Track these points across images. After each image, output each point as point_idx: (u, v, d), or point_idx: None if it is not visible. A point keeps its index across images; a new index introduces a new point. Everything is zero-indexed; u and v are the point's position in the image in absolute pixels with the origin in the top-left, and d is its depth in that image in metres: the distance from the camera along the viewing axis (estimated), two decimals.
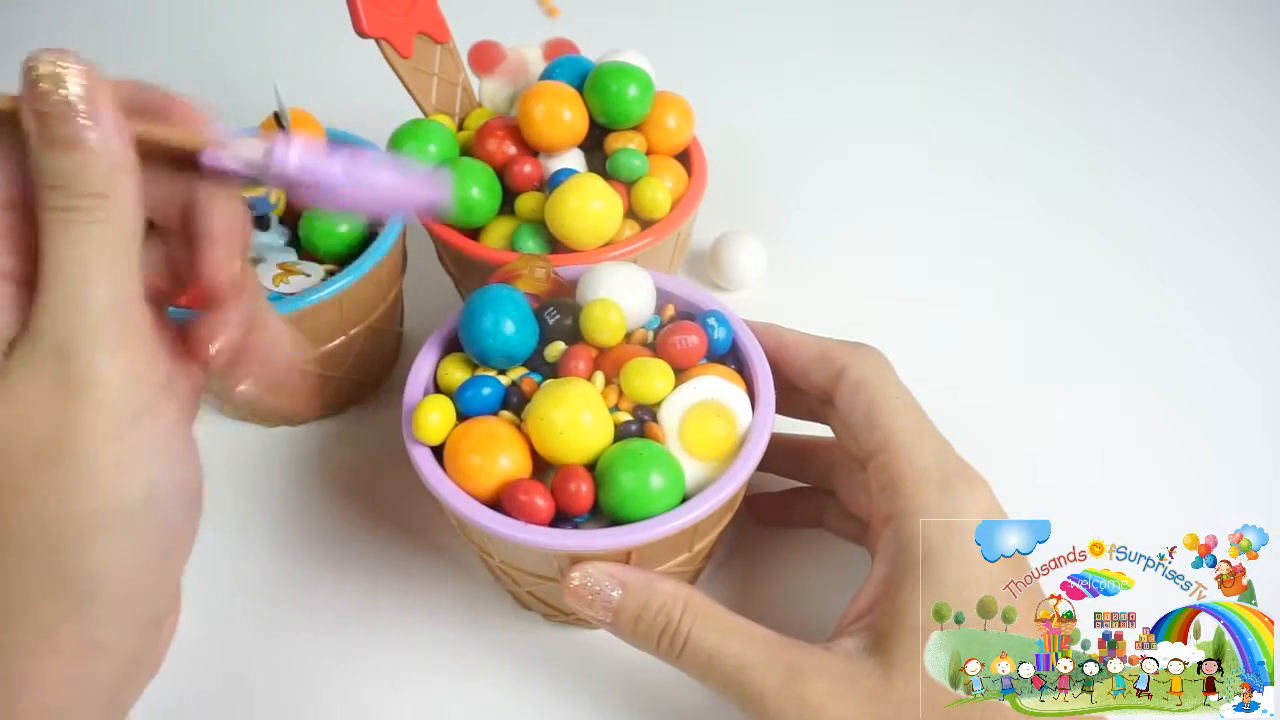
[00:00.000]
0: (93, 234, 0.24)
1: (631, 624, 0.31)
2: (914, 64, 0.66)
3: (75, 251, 0.23)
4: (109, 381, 0.24)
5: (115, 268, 0.24)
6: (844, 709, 0.28)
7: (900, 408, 0.33)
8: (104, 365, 0.24)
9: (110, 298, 0.24)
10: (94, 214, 0.23)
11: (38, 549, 0.24)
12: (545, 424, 0.31)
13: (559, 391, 0.31)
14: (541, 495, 0.30)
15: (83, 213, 0.23)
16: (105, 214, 0.24)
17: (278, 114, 0.42)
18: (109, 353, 0.24)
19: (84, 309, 0.23)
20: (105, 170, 0.23)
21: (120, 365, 0.24)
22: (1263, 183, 0.57)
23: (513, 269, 0.36)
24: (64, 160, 0.23)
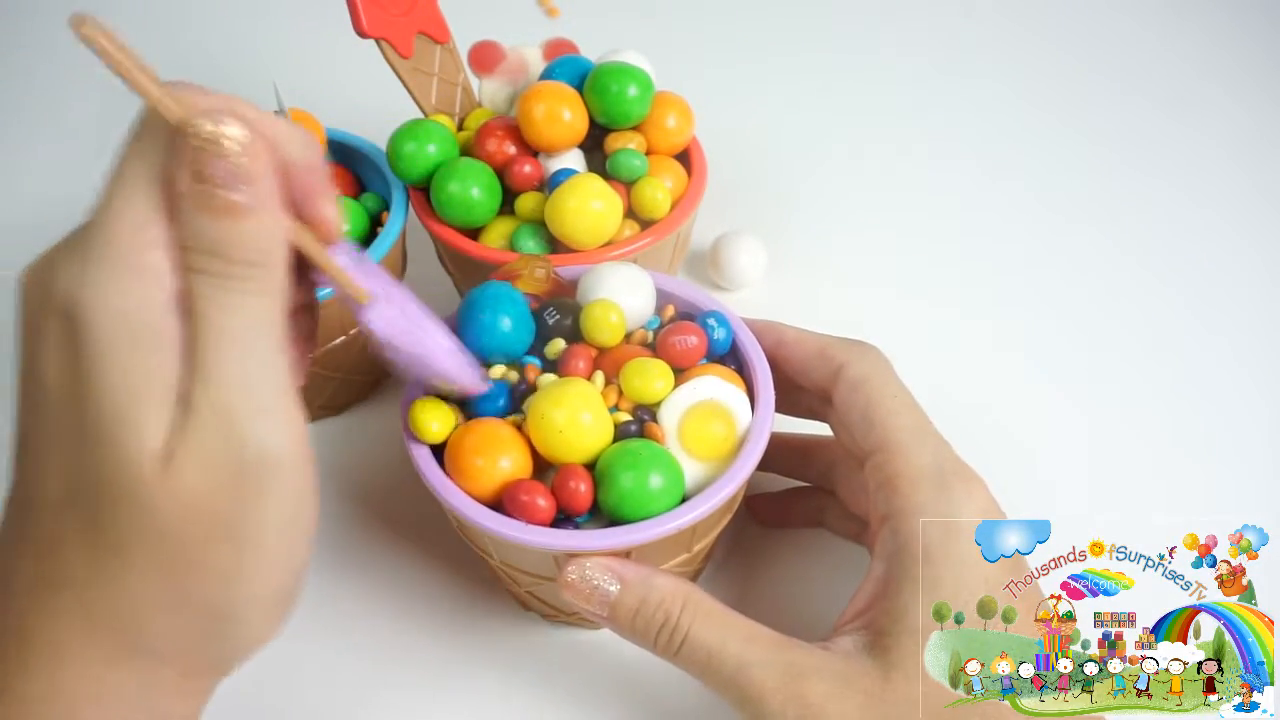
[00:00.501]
0: (251, 304, 0.23)
1: (629, 619, 0.30)
2: (914, 64, 0.66)
3: (234, 321, 0.23)
4: (281, 460, 0.23)
5: (273, 339, 0.23)
6: (843, 709, 0.28)
7: (898, 406, 0.33)
8: (276, 442, 0.23)
9: (273, 371, 0.23)
10: (252, 283, 0.23)
11: (202, 623, 0.24)
12: (545, 423, 0.31)
13: (558, 391, 0.31)
14: (543, 495, 0.30)
15: (241, 281, 0.23)
16: (262, 284, 0.23)
17: (278, 114, 0.42)
18: (279, 429, 0.23)
19: (251, 386, 0.23)
20: (265, 239, 0.23)
21: (288, 441, 0.23)
22: (1262, 183, 0.57)
23: (513, 269, 0.36)
24: (224, 226, 0.22)
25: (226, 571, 0.24)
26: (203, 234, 0.22)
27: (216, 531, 0.23)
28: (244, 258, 0.23)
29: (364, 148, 0.46)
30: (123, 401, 0.22)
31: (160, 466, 0.22)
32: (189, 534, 0.23)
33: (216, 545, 0.23)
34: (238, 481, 0.23)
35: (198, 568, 0.23)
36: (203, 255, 0.23)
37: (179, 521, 0.23)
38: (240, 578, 0.24)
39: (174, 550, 0.23)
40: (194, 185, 0.22)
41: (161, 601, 0.24)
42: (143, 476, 0.22)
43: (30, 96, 0.65)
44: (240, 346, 0.23)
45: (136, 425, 0.22)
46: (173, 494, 0.22)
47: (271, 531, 0.24)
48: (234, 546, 0.23)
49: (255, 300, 0.23)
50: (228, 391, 0.23)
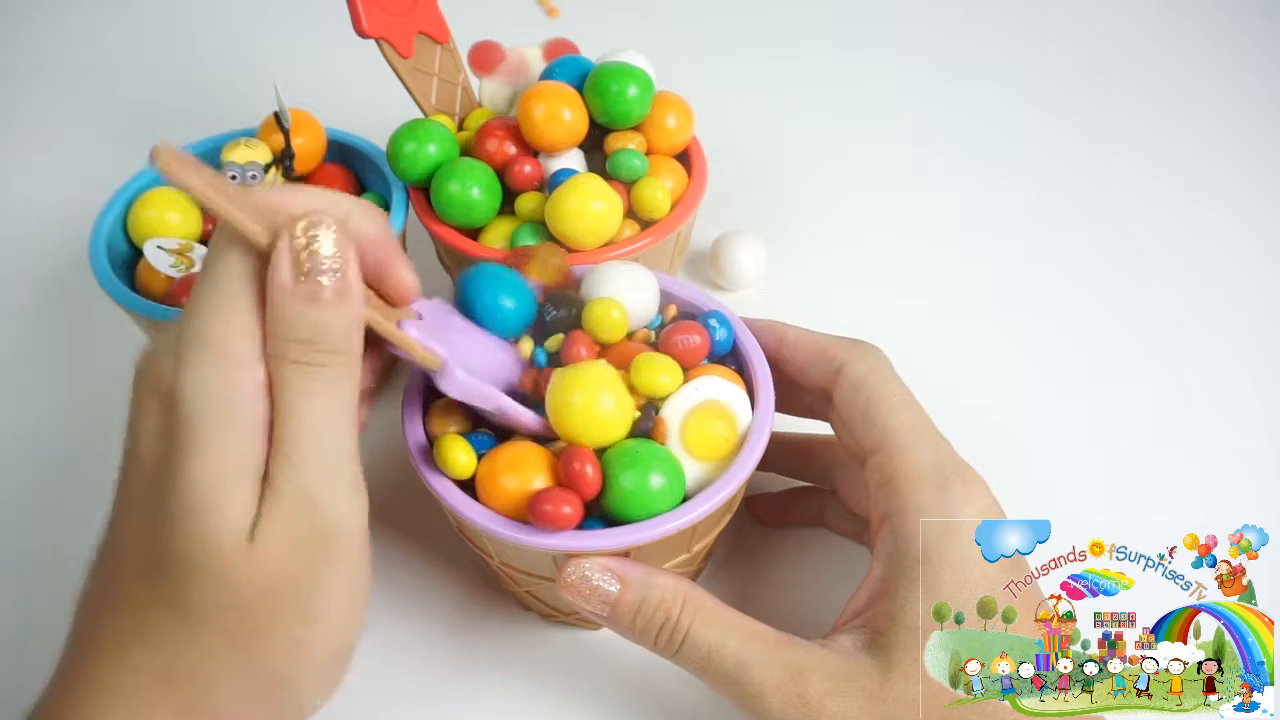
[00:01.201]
0: (332, 390, 0.25)
1: (629, 618, 0.30)
2: (914, 64, 0.66)
3: (316, 405, 0.25)
4: (352, 538, 0.25)
5: (349, 419, 0.25)
6: (843, 708, 0.28)
7: (899, 405, 0.33)
8: (349, 522, 0.25)
9: (347, 452, 0.25)
10: (335, 370, 0.25)
11: (265, 685, 0.25)
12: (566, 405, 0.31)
13: (576, 374, 0.31)
14: (569, 504, 0.30)
15: (326, 368, 0.25)
16: (342, 371, 0.25)
17: (278, 114, 0.42)
18: (351, 510, 0.25)
19: (330, 464, 0.25)
20: (347, 328, 0.25)
21: (358, 521, 0.25)
22: (1262, 183, 0.57)
23: (526, 251, 0.36)
24: (316, 316, 0.25)
25: (295, 641, 0.25)
26: (296, 323, 0.25)
27: (287, 604, 0.25)
28: (330, 346, 0.25)
29: (364, 148, 0.46)
30: (211, 482, 0.24)
31: (242, 544, 0.24)
32: (263, 607, 0.25)
33: (288, 616, 0.25)
34: (313, 555, 0.25)
35: (268, 639, 0.25)
36: (292, 344, 0.25)
37: (255, 596, 0.24)
38: (306, 647, 0.25)
39: (248, 622, 0.25)
40: (294, 280, 0.24)
41: (231, 668, 0.25)
42: (225, 554, 0.24)
43: (31, 96, 0.65)
44: (322, 429, 0.25)
45: (221, 505, 0.24)
46: (253, 570, 0.24)
47: (337, 601, 0.25)
48: (303, 618, 0.25)
49: (335, 386, 0.25)
50: (309, 472, 0.25)
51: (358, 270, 0.25)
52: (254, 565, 0.24)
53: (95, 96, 0.65)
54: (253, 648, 0.25)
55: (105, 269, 0.41)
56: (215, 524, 0.24)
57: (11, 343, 0.49)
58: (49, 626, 0.29)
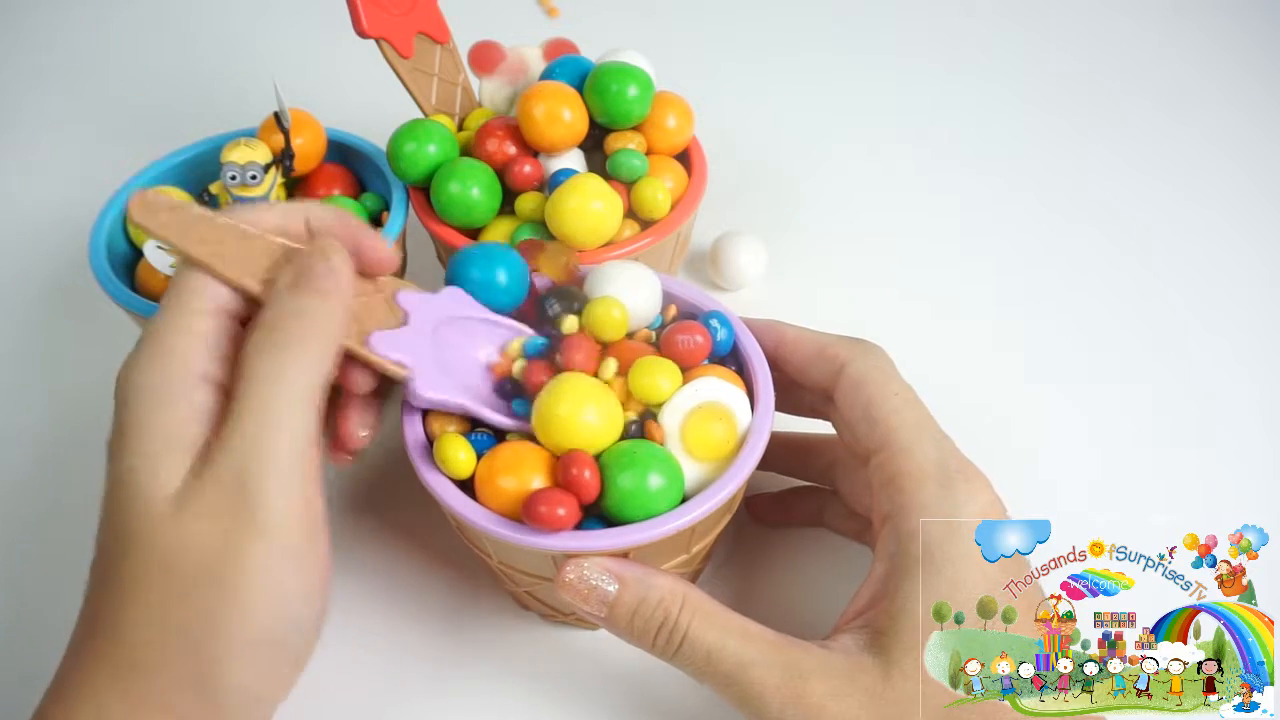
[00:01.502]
0: (291, 374, 0.26)
1: (627, 619, 0.30)
2: (914, 64, 0.66)
3: (274, 386, 0.26)
4: (280, 520, 0.25)
5: (304, 409, 0.26)
6: (844, 708, 0.28)
7: (900, 404, 0.33)
8: (279, 503, 0.25)
9: (295, 438, 0.26)
10: (295, 353, 0.26)
11: (188, 660, 0.25)
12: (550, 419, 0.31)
13: (562, 387, 0.31)
14: (564, 505, 0.29)
15: (288, 351, 0.26)
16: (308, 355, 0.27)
17: (278, 114, 0.42)
18: (286, 493, 0.26)
19: (270, 444, 0.25)
20: (325, 318, 0.27)
21: (293, 506, 0.26)
22: (1262, 183, 0.57)
23: (539, 244, 0.36)
24: (295, 300, 0.27)
25: (214, 613, 0.25)
26: (282, 308, 0.27)
27: (205, 574, 0.25)
28: (301, 332, 0.27)
29: (364, 148, 0.46)
30: (143, 452, 0.26)
31: (171, 510, 0.25)
32: (184, 574, 0.25)
33: (204, 587, 0.25)
34: (233, 529, 0.25)
35: (187, 606, 0.25)
36: (265, 328, 0.27)
37: (177, 562, 0.25)
38: (225, 621, 0.25)
39: (172, 589, 0.25)
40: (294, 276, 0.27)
41: (157, 643, 0.25)
42: (153, 515, 0.25)
43: (31, 96, 0.65)
44: (267, 409, 0.26)
45: (152, 472, 0.26)
46: (176, 535, 0.25)
47: (259, 580, 0.25)
48: (221, 591, 0.25)
49: (293, 370, 0.26)
50: (246, 446, 0.25)
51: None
52: (177, 531, 0.25)
53: (95, 96, 0.65)
54: (174, 615, 0.25)
55: (105, 269, 0.41)
56: (145, 488, 0.25)
57: (11, 343, 0.49)
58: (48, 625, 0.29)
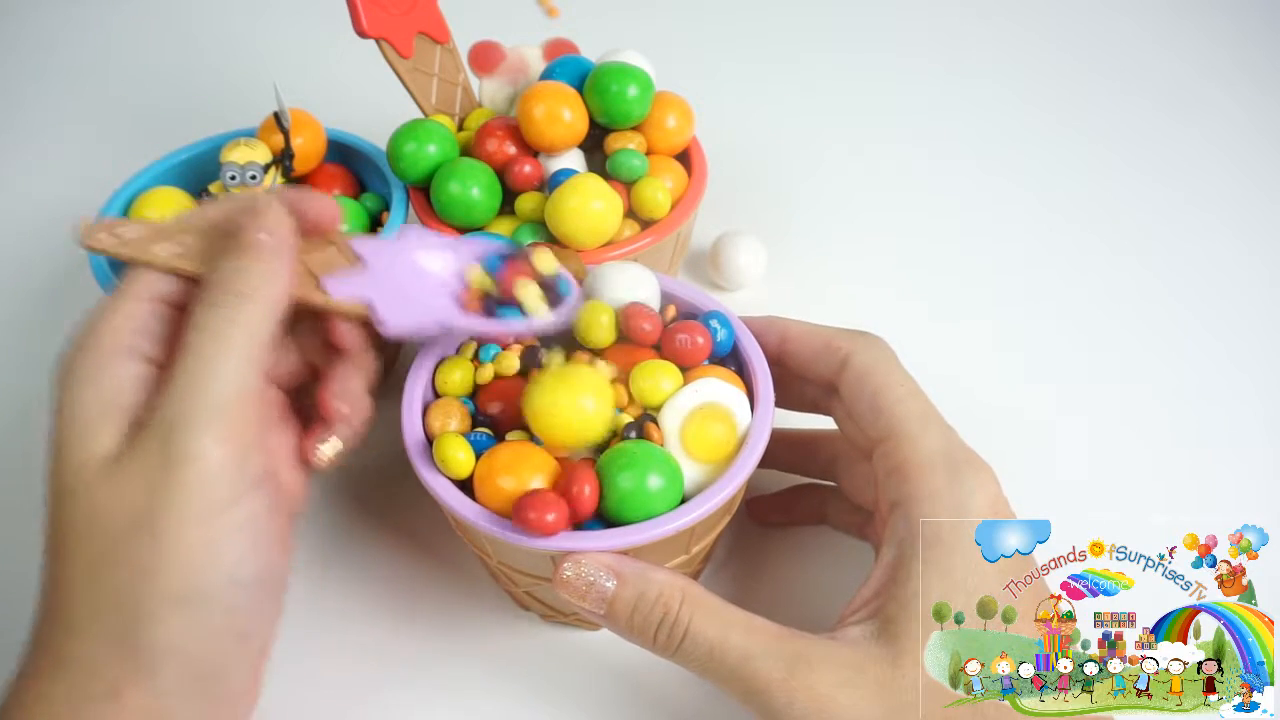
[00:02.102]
0: (226, 330, 0.26)
1: (627, 616, 0.30)
2: (914, 64, 0.66)
3: (206, 342, 0.26)
4: (207, 466, 0.25)
5: (239, 364, 0.26)
6: (854, 698, 0.28)
7: (905, 394, 0.33)
8: (206, 449, 0.25)
9: (227, 389, 0.26)
10: (232, 312, 0.26)
11: (116, 617, 0.25)
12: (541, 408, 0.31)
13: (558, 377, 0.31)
14: (554, 510, 0.29)
15: (225, 308, 0.26)
16: (246, 315, 0.27)
17: (278, 114, 0.42)
18: (213, 439, 0.25)
19: (201, 395, 0.26)
20: (260, 277, 0.27)
21: (221, 452, 0.26)
22: (1262, 183, 0.57)
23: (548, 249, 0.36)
24: (237, 262, 0.27)
25: (142, 563, 0.25)
26: (219, 269, 0.27)
27: (139, 524, 0.25)
28: (237, 289, 0.27)
29: (364, 148, 0.46)
30: (75, 419, 0.26)
31: (104, 467, 0.25)
32: (117, 532, 0.25)
33: (137, 536, 0.25)
34: (166, 483, 0.25)
35: (119, 565, 0.25)
36: (207, 289, 0.27)
37: (111, 522, 0.25)
38: (153, 571, 0.25)
39: (103, 541, 0.25)
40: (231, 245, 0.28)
41: (86, 603, 0.25)
42: (88, 477, 0.25)
43: (31, 96, 0.65)
44: (199, 363, 0.26)
45: (82, 437, 0.26)
46: (109, 495, 0.25)
47: (190, 531, 0.25)
48: (152, 540, 0.25)
49: (230, 328, 0.26)
50: (177, 402, 0.26)
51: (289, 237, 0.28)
52: (111, 490, 0.25)
53: (95, 96, 0.65)
54: (101, 569, 0.25)
55: (105, 269, 0.41)
56: (77, 451, 0.26)
57: (11, 342, 0.49)
58: None
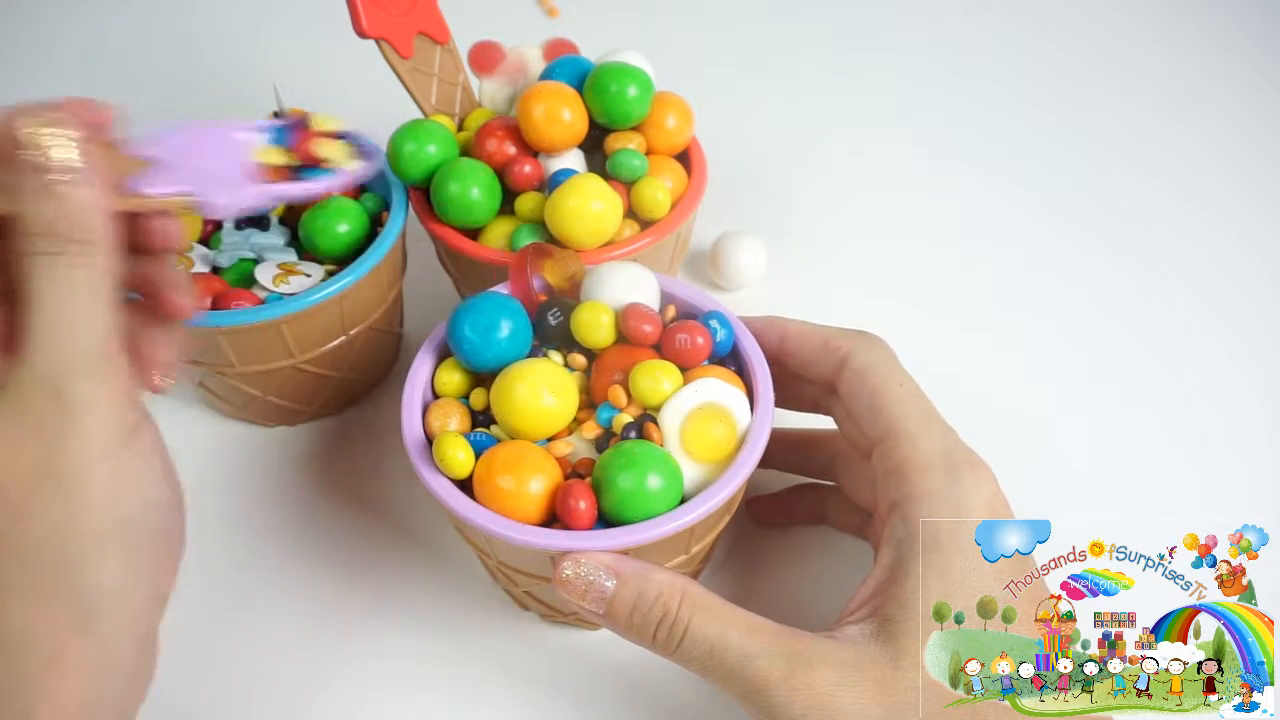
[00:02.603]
0: (78, 277, 0.25)
1: (626, 615, 0.30)
2: (914, 64, 0.66)
3: (62, 292, 0.25)
4: (99, 409, 0.25)
5: (98, 306, 0.26)
6: (854, 697, 0.28)
7: (904, 394, 0.33)
8: (94, 395, 0.25)
9: (95, 334, 0.25)
10: (79, 258, 0.25)
11: (42, 571, 0.24)
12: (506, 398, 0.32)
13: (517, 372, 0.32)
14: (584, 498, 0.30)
15: (70, 257, 0.25)
16: (89, 259, 0.25)
17: (277, 114, 0.42)
18: (96, 383, 0.25)
19: (72, 345, 0.25)
20: (92, 219, 0.25)
21: (107, 394, 0.25)
22: (1262, 183, 0.57)
23: (546, 249, 0.36)
24: (54, 208, 0.25)
25: (61, 513, 0.25)
26: (37, 217, 0.25)
27: (39, 473, 0.24)
28: (74, 236, 0.25)
29: None
30: None
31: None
32: (18, 489, 0.24)
33: (40, 486, 0.24)
34: (56, 428, 0.25)
35: (31, 519, 0.24)
36: (41, 237, 0.25)
37: (13, 481, 0.24)
38: (69, 516, 0.25)
39: (12, 508, 0.24)
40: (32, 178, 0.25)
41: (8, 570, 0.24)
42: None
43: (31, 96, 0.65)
44: (67, 312, 0.25)
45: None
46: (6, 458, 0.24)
47: (95, 470, 0.25)
48: (56, 483, 0.25)
49: (84, 272, 0.25)
50: (45, 352, 0.25)
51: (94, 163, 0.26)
52: (8, 454, 0.24)
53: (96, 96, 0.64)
54: (20, 535, 0.24)
55: None
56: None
57: None
58: None
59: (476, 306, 0.34)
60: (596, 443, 0.33)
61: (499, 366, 0.33)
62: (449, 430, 0.33)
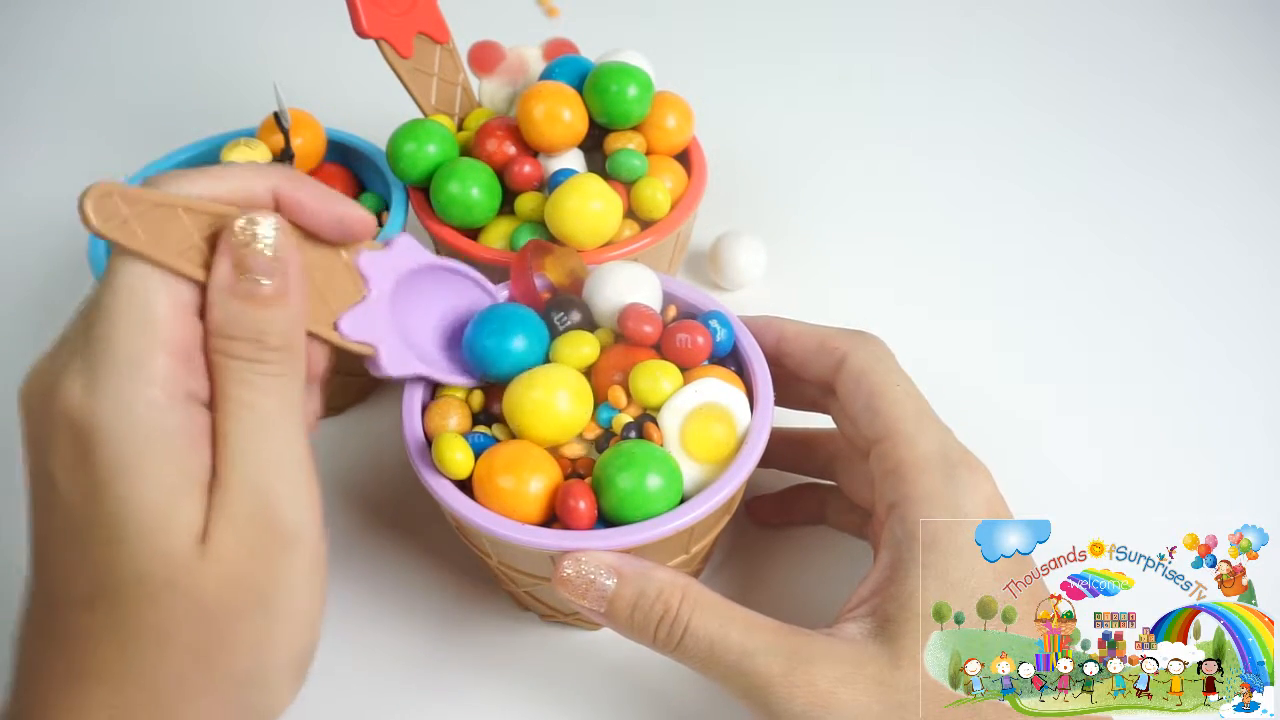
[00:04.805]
0: (278, 386, 0.25)
1: (627, 614, 0.30)
2: (914, 64, 0.66)
3: (265, 402, 0.24)
4: (306, 532, 0.25)
5: (298, 418, 0.25)
6: (854, 695, 0.28)
7: (901, 395, 0.33)
8: (305, 513, 0.25)
9: (297, 448, 0.25)
10: (280, 366, 0.25)
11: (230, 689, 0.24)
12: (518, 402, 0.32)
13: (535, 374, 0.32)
14: (584, 499, 0.30)
15: (271, 365, 0.24)
16: (285, 368, 0.25)
17: (277, 114, 0.42)
18: (306, 506, 0.25)
19: (280, 460, 0.24)
20: (291, 324, 0.25)
21: (314, 512, 0.25)
22: (1262, 183, 0.57)
23: (546, 247, 0.36)
24: (260, 314, 0.24)
25: (259, 640, 0.24)
26: (238, 322, 0.24)
27: (251, 601, 0.24)
28: (272, 344, 0.25)
29: (364, 148, 0.46)
30: (155, 501, 0.23)
31: (196, 551, 0.24)
32: (224, 613, 0.24)
33: (250, 615, 0.24)
34: (270, 553, 0.24)
35: (231, 643, 0.24)
36: (236, 342, 0.24)
37: (215, 603, 0.24)
38: (270, 645, 0.25)
39: (210, 631, 0.24)
40: (235, 277, 0.24)
41: (196, 683, 0.24)
42: (180, 564, 0.23)
43: (31, 96, 0.65)
44: (270, 427, 0.24)
45: (171, 521, 0.23)
46: (210, 576, 0.24)
47: (299, 597, 0.25)
48: (266, 614, 0.24)
49: (282, 382, 0.25)
50: (260, 470, 0.24)
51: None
52: (211, 570, 0.24)
53: (96, 97, 0.65)
54: (216, 655, 0.24)
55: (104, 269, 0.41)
56: (167, 540, 0.23)
57: (10, 342, 0.49)
58: None
59: (494, 318, 0.33)
60: (596, 443, 0.33)
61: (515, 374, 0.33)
62: (449, 429, 0.33)
